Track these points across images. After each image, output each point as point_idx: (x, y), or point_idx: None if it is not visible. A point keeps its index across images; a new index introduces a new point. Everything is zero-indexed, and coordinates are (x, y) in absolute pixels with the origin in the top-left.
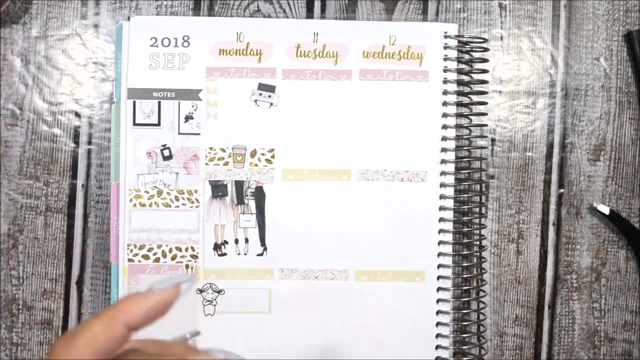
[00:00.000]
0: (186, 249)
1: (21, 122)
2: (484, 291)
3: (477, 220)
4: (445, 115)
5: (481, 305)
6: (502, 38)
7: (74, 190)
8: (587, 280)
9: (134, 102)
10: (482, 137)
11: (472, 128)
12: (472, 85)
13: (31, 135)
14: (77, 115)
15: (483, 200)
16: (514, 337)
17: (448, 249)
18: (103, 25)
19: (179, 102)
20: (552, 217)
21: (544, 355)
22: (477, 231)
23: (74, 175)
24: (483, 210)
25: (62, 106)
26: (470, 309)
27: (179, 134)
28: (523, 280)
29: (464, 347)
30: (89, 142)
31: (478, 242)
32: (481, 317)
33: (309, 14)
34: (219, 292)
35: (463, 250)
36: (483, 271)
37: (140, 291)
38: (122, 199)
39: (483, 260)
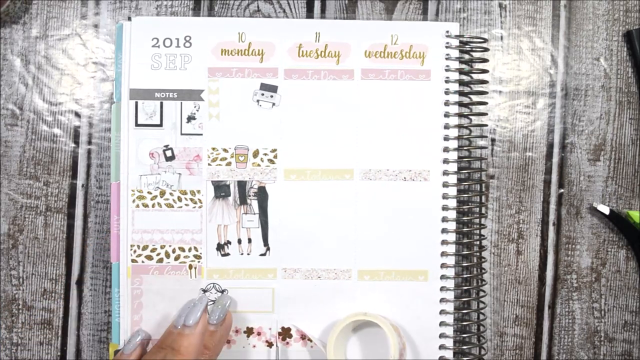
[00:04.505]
0: (189, 249)
1: (21, 122)
2: (484, 291)
3: (477, 220)
4: (447, 114)
5: (481, 305)
6: (502, 38)
7: (74, 190)
8: (587, 280)
9: (136, 103)
10: (482, 137)
11: (472, 128)
12: (472, 85)
13: (31, 135)
14: (77, 115)
15: (483, 200)
16: (514, 337)
17: (451, 248)
18: (103, 25)
19: (181, 103)
20: (552, 217)
21: (544, 355)
22: (478, 231)
23: (74, 175)
24: (483, 210)
25: (62, 106)
26: (471, 309)
27: (182, 134)
28: (523, 280)
29: (464, 347)
30: (89, 142)
31: (478, 242)
32: (481, 317)
33: (309, 14)
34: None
35: (463, 250)
36: (483, 271)
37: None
38: (124, 200)
39: (483, 260)
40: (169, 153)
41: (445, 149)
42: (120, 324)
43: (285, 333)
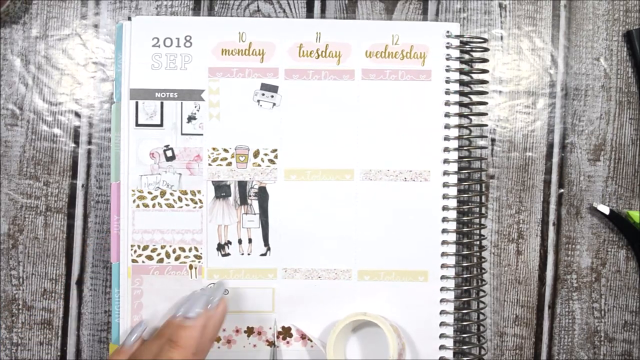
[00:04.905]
0: (190, 250)
1: (21, 122)
2: (484, 291)
3: (477, 220)
4: (447, 114)
5: (481, 305)
6: (502, 38)
7: (74, 190)
8: (587, 280)
9: (137, 103)
10: (482, 137)
11: (472, 128)
12: (472, 85)
13: (31, 135)
14: (77, 115)
15: (483, 200)
16: (514, 337)
17: (451, 248)
18: (103, 25)
19: (182, 103)
20: (552, 217)
21: (544, 355)
22: (478, 231)
23: (74, 175)
24: (483, 210)
25: (62, 106)
26: (471, 309)
27: (182, 134)
28: (523, 280)
29: (464, 347)
30: (89, 142)
31: (478, 242)
32: (481, 317)
33: (309, 14)
34: (222, 292)
35: (463, 250)
36: (483, 271)
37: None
38: (124, 200)
39: (483, 260)
40: (169, 153)
41: (446, 149)
42: (120, 324)
43: (285, 333)
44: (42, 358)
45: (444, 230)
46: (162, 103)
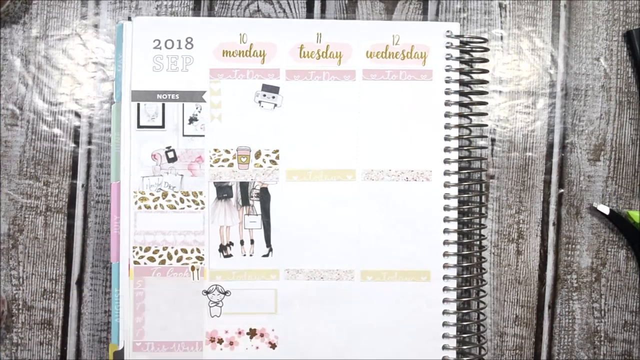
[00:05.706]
0: (192, 251)
1: (21, 122)
2: (484, 291)
3: (477, 220)
4: (448, 114)
5: (481, 305)
6: (502, 38)
7: (74, 190)
8: (587, 280)
9: (138, 105)
10: (482, 137)
11: (472, 128)
12: (472, 85)
13: (31, 135)
14: (77, 115)
15: (483, 200)
16: (514, 337)
17: (453, 248)
18: (103, 25)
19: (183, 104)
20: (552, 217)
21: (544, 355)
22: (478, 231)
23: (74, 175)
24: (483, 210)
25: (62, 106)
26: (471, 309)
27: (184, 135)
28: (523, 280)
29: (465, 347)
30: (89, 142)
31: (478, 242)
32: (481, 317)
33: (309, 14)
34: (224, 293)
35: (463, 250)
36: (483, 271)
37: None
38: (126, 201)
39: (483, 260)
40: (171, 154)
41: (447, 149)
42: (120, 325)
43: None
44: (42, 358)
45: (446, 230)
46: (163, 105)
